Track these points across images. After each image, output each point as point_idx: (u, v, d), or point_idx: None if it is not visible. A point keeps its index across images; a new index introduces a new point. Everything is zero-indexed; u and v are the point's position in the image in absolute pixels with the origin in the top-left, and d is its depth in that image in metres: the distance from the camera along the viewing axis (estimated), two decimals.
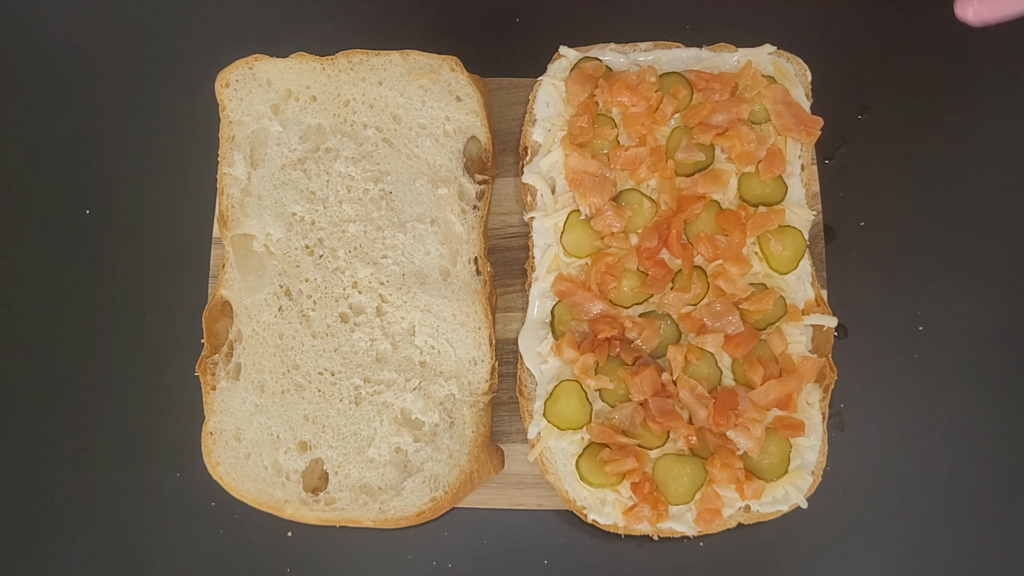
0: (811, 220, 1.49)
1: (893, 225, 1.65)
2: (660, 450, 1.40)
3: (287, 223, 1.53)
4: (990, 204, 1.66)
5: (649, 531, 1.41)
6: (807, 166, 1.53)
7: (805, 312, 1.46)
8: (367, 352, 1.48)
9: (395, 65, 1.58)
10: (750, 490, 1.37)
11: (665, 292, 1.45)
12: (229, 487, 1.45)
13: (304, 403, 1.47)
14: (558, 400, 1.42)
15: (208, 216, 1.68)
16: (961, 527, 1.52)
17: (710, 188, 1.47)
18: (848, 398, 1.58)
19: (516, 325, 1.59)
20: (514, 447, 1.55)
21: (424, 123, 1.57)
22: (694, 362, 1.42)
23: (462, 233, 1.54)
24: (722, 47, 1.57)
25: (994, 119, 1.70)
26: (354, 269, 1.50)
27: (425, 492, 1.42)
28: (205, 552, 1.56)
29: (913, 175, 1.68)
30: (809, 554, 1.52)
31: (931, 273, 1.63)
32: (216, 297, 1.53)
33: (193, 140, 1.73)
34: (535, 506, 1.53)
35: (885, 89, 1.72)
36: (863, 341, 1.60)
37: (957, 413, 1.57)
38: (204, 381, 1.48)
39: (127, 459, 1.60)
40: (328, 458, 1.45)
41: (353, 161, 1.54)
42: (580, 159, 1.49)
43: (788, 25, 1.76)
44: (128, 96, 1.78)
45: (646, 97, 1.49)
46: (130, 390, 1.63)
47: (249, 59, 1.60)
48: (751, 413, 1.37)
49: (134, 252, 1.70)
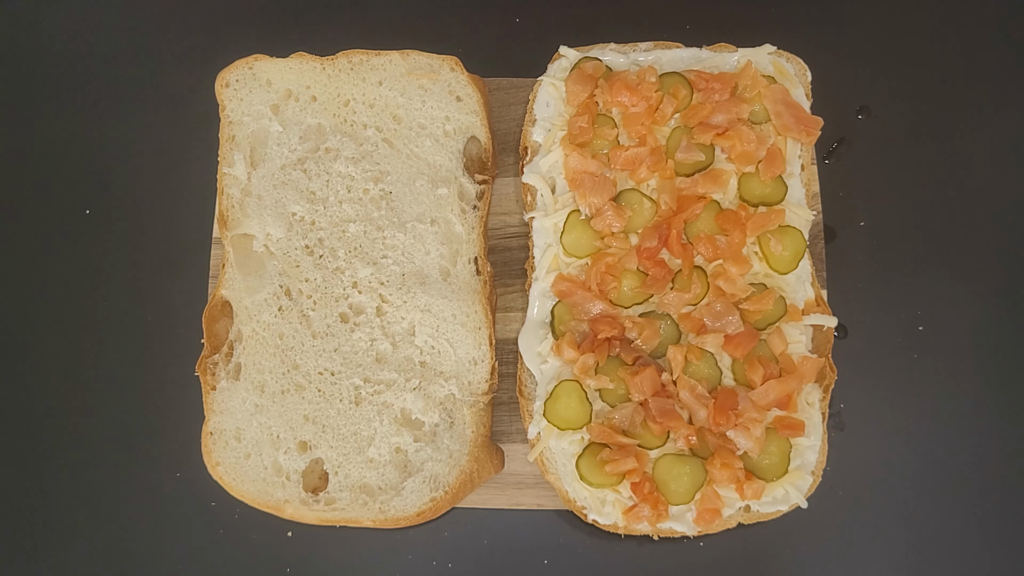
0: (811, 220, 1.49)
1: (893, 225, 1.65)
2: (660, 450, 1.40)
3: (287, 223, 1.53)
4: (990, 204, 1.66)
5: (649, 531, 1.41)
6: (807, 166, 1.53)
7: (805, 312, 1.46)
8: (367, 352, 1.48)
9: (395, 65, 1.58)
10: (750, 490, 1.37)
11: (665, 292, 1.45)
12: (229, 487, 1.45)
13: (304, 403, 1.47)
14: (558, 400, 1.42)
15: (208, 216, 1.68)
16: (961, 527, 1.52)
17: (710, 188, 1.47)
18: (848, 398, 1.58)
19: (516, 325, 1.59)
20: (514, 447, 1.55)
21: (424, 123, 1.57)
22: (694, 362, 1.42)
23: (462, 233, 1.54)
24: (722, 47, 1.57)
25: (994, 119, 1.70)
26: (354, 269, 1.50)
27: (425, 492, 1.42)
28: (205, 552, 1.56)
29: (913, 175, 1.68)
30: (809, 554, 1.52)
31: (931, 273, 1.63)
32: (216, 297, 1.53)
33: (193, 140, 1.73)
34: (535, 506, 1.53)
35: (885, 89, 1.72)
36: (863, 341, 1.60)
37: (957, 413, 1.57)
38: (204, 381, 1.48)
39: (127, 459, 1.60)
40: (328, 458, 1.44)
41: (353, 161, 1.54)
42: (580, 159, 1.48)
43: (788, 25, 1.76)
44: (128, 96, 1.78)
45: (646, 97, 1.48)
46: (130, 390, 1.63)
47: (249, 59, 1.60)
48: (751, 413, 1.37)
49: (134, 252, 1.70)
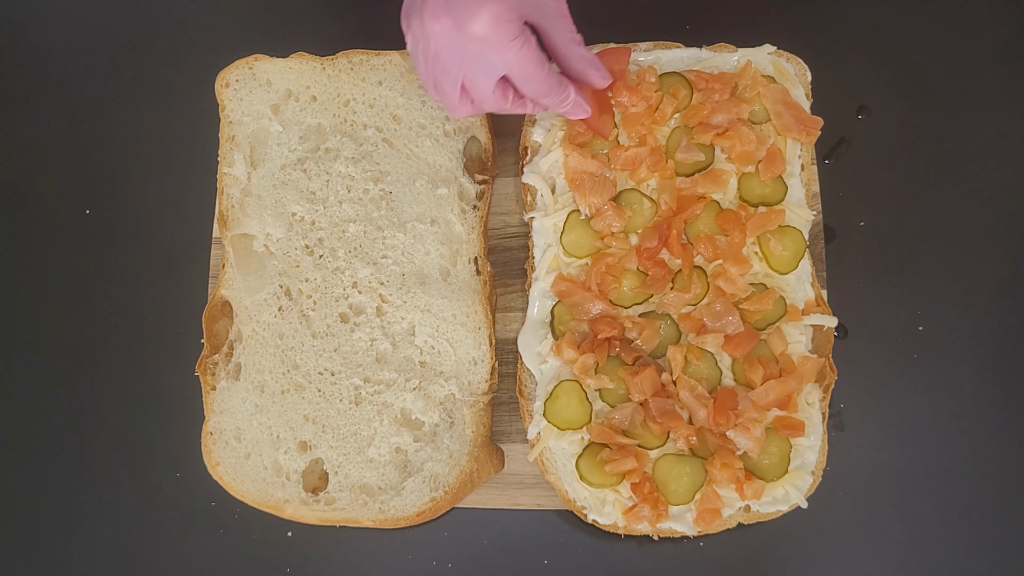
0: (811, 220, 1.49)
1: (893, 225, 1.65)
2: (660, 450, 1.40)
3: (287, 223, 1.53)
4: (990, 204, 1.66)
5: (649, 531, 1.41)
6: (807, 166, 1.53)
7: (805, 312, 1.45)
8: (367, 352, 1.48)
9: (395, 65, 1.58)
10: (750, 490, 1.37)
11: (665, 292, 1.45)
12: (229, 487, 1.45)
13: (304, 403, 1.47)
14: (558, 400, 1.42)
15: (208, 216, 1.68)
16: (961, 527, 1.52)
17: (710, 188, 1.47)
18: (848, 398, 1.57)
19: (516, 325, 1.59)
20: (514, 447, 1.55)
21: (424, 123, 1.57)
22: (694, 362, 1.42)
23: (462, 233, 1.54)
24: (722, 47, 1.57)
25: (994, 119, 1.70)
26: (354, 269, 1.50)
27: (425, 492, 1.42)
28: (205, 552, 1.56)
29: (913, 175, 1.68)
30: (809, 554, 1.52)
31: (931, 273, 1.63)
32: (216, 297, 1.53)
33: (193, 140, 1.73)
34: (535, 506, 1.53)
35: (885, 89, 1.72)
36: (863, 341, 1.60)
37: (957, 413, 1.56)
38: (204, 381, 1.48)
39: (127, 459, 1.60)
40: (328, 458, 1.44)
41: (353, 161, 1.54)
42: (580, 159, 1.48)
43: (788, 25, 1.76)
44: (128, 96, 1.78)
45: (646, 97, 1.48)
46: (130, 390, 1.63)
47: (249, 59, 1.60)
48: (751, 413, 1.37)
49: (134, 252, 1.70)
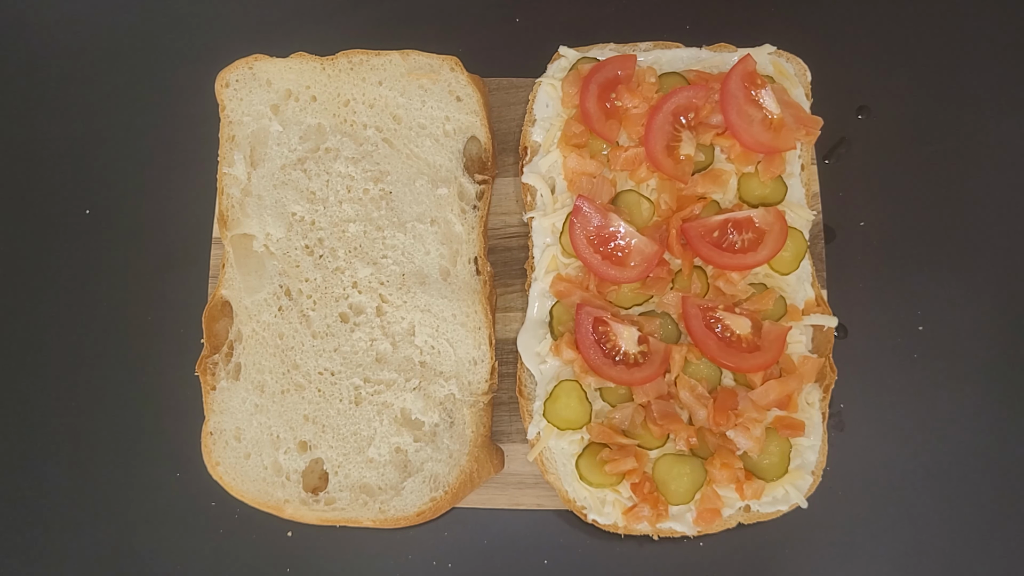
0: (811, 220, 1.49)
1: (893, 225, 1.65)
2: (660, 450, 1.40)
3: (287, 223, 1.53)
4: (990, 204, 1.66)
5: (649, 531, 1.41)
6: (807, 166, 1.53)
7: (805, 312, 1.46)
8: (367, 352, 1.48)
9: (395, 65, 1.58)
10: (750, 490, 1.37)
11: (665, 292, 1.45)
12: (229, 487, 1.45)
13: (304, 403, 1.47)
14: (558, 400, 1.42)
15: (208, 216, 1.68)
16: (961, 527, 1.52)
17: (710, 188, 1.47)
18: (848, 398, 1.57)
19: (516, 325, 1.59)
20: (514, 447, 1.55)
21: (424, 123, 1.57)
22: (694, 362, 1.42)
23: (462, 233, 1.54)
24: (722, 47, 1.57)
25: (994, 119, 1.70)
26: (354, 269, 1.50)
27: (425, 492, 1.42)
28: (205, 552, 1.56)
29: (913, 175, 1.68)
30: (809, 554, 1.52)
31: (931, 273, 1.63)
32: (216, 297, 1.53)
33: (193, 140, 1.73)
34: (535, 506, 1.53)
35: (885, 89, 1.72)
36: (863, 341, 1.60)
37: (957, 413, 1.56)
38: (204, 381, 1.48)
39: (127, 459, 1.60)
40: (328, 458, 1.44)
41: (353, 161, 1.54)
42: (579, 160, 1.48)
43: (788, 25, 1.76)
44: (128, 96, 1.78)
45: (646, 97, 1.48)
46: (130, 390, 1.63)
47: (249, 59, 1.60)
48: (751, 413, 1.37)
49: (134, 252, 1.70)
